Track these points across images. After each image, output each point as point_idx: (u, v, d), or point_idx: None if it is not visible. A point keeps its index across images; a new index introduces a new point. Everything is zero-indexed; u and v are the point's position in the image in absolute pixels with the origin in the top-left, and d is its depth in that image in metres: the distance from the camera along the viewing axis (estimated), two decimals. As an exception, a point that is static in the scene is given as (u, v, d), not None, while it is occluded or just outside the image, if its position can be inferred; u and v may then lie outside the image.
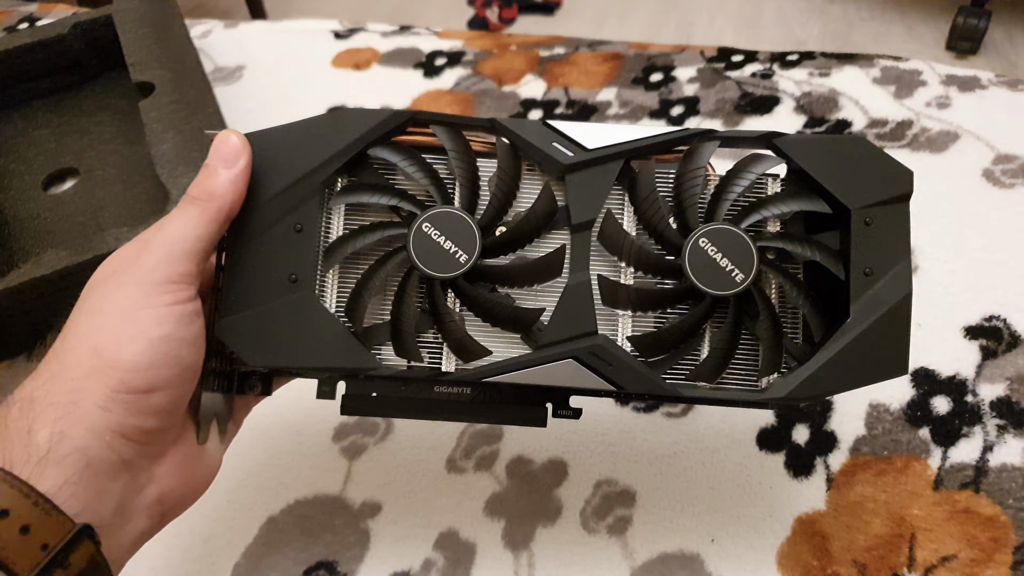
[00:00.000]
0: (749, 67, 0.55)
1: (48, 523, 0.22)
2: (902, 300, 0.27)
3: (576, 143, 0.28)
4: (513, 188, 0.28)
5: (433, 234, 0.27)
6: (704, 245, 0.27)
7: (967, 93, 0.50)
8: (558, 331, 0.27)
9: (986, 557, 0.32)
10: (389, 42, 0.64)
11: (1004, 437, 0.36)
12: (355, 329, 0.27)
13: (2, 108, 0.61)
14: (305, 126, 0.28)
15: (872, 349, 0.26)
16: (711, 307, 0.27)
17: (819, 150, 0.28)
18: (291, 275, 0.27)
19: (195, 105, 0.52)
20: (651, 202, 0.28)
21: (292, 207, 0.27)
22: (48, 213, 0.52)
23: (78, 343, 0.25)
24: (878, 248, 0.27)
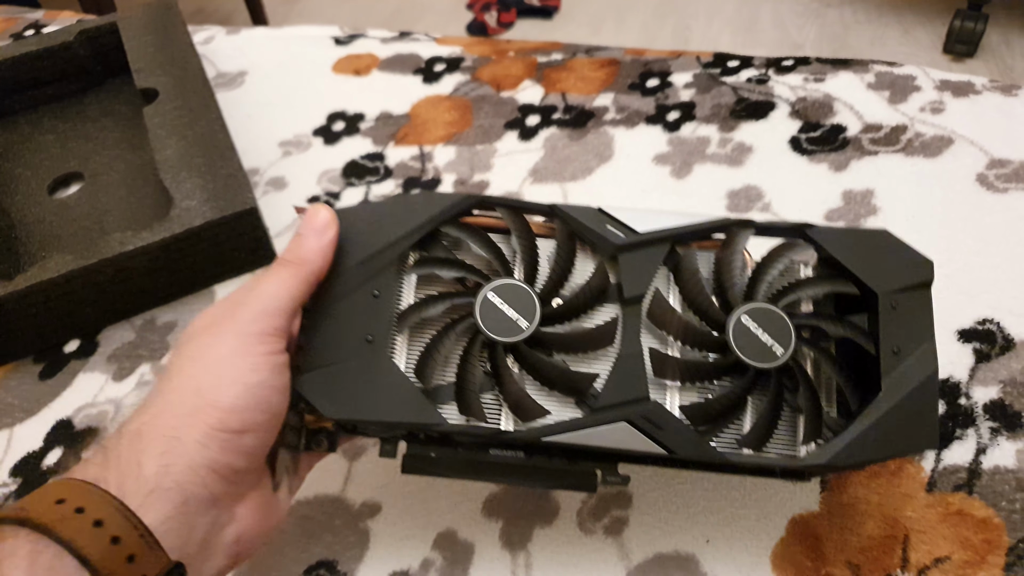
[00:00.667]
0: (745, 72, 0.56)
1: (150, 556, 0.23)
2: (929, 377, 0.29)
3: (627, 227, 0.31)
4: (569, 265, 0.31)
5: (497, 302, 0.29)
6: (746, 322, 0.29)
7: (961, 98, 0.51)
8: (612, 395, 0.29)
9: (979, 559, 0.33)
10: (389, 48, 0.64)
11: (997, 440, 0.36)
12: (424, 387, 0.30)
13: (8, 114, 0.61)
14: (385, 205, 0.31)
15: (904, 422, 0.28)
16: (754, 379, 0.29)
17: (847, 240, 0.30)
18: (367, 336, 0.30)
19: (197, 111, 0.53)
20: (695, 282, 0.30)
21: (371, 276, 0.30)
22: (53, 217, 0.53)
23: (182, 384, 0.27)
24: (904, 329, 0.29)
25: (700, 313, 0.30)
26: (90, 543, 0.22)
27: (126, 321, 0.48)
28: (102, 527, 0.23)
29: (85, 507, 0.23)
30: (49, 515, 0.23)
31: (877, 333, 0.29)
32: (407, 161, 0.55)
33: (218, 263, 0.48)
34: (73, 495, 0.23)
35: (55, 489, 0.24)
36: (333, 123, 0.58)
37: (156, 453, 0.25)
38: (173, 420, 0.26)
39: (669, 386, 0.30)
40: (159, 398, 0.27)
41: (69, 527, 0.23)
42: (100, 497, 0.24)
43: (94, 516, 0.23)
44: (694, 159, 0.51)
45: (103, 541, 0.23)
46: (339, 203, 0.53)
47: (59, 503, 0.23)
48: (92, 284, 0.45)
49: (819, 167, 0.49)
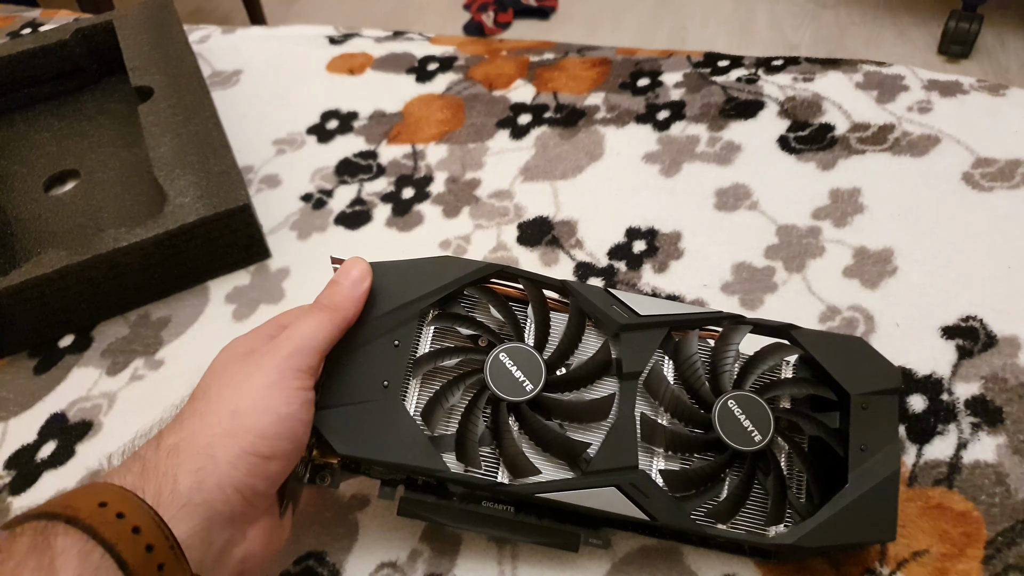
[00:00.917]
0: (735, 72, 0.57)
1: (177, 567, 0.25)
2: (891, 475, 0.31)
3: (631, 308, 0.34)
4: (577, 338, 0.34)
5: (507, 363, 0.32)
6: (732, 406, 0.32)
7: (949, 98, 0.51)
8: (604, 461, 0.31)
9: (958, 552, 0.33)
10: (382, 47, 0.65)
11: (978, 435, 0.36)
12: (428, 433, 0.32)
13: (5, 111, 0.62)
14: (417, 264, 0.34)
15: (865, 513, 0.31)
16: (731, 458, 0.32)
17: (826, 343, 0.34)
18: (384, 381, 0.32)
19: (192, 109, 0.53)
20: (689, 366, 0.33)
21: (394, 327, 0.33)
22: (49, 214, 0.54)
23: (219, 407, 0.29)
24: (872, 429, 0.32)
25: (692, 392, 0.33)
26: (128, 549, 0.24)
27: (120, 316, 0.48)
28: (139, 534, 0.24)
29: (125, 513, 0.24)
30: (94, 517, 0.24)
31: (847, 431, 0.32)
32: (400, 159, 0.55)
33: (212, 259, 0.48)
34: (114, 500, 0.25)
35: (97, 491, 0.25)
36: (327, 121, 0.59)
37: (191, 469, 0.27)
38: (209, 439, 0.28)
39: (655, 452, 0.33)
40: (196, 417, 0.29)
41: (111, 530, 0.24)
42: (138, 506, 0.25)
43: (133, 523, 0.24)
44: (683, 158, 0.51)
45: (139, 548, 0.24)
46: (332, 200, 0.53)
47: (102, 506, 0.24)
48: (86, 280, 0.45)
49: (807, 166, 0.49)
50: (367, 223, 0.51)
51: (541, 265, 0.47)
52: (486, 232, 0.50)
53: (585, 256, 0.47)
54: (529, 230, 0.49)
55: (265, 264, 0.50)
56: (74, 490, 0.26)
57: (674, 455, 0.33)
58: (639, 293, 0.44)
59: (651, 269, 0.46)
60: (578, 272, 0.46)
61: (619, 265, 0.46)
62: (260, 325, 0.33)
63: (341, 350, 0.32)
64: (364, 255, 0.49)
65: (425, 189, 0.53)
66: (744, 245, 0.46)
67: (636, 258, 0.46)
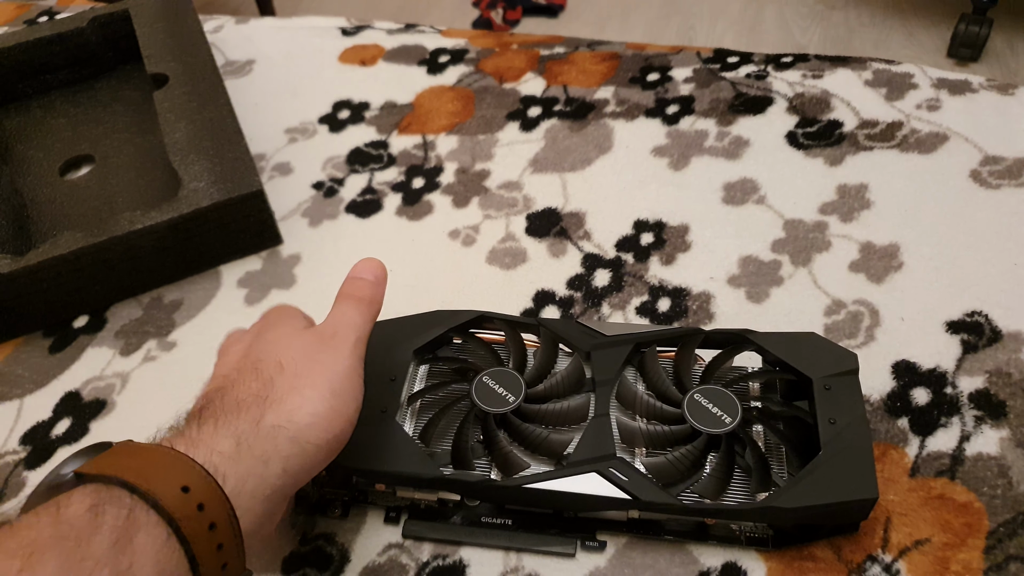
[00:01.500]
0: (744, 68, 0.57)
1: (237, 563, 0.24)
2: (863, 439, 0.33)
3: (599, 332, 0.38)
4: (552, 359, 0.38)
5: (491, 383, 0.36)
6: (699, 398, 0.35)
7: (957, 96, 0.52)
8: (583, 453, 0.34)
9: (959, 541, 0.34)
10: (394, 39, 0.65)
11: (981, 428, 0.37)
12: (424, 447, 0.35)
13: (21, 98, 0.63)
14: (408, 320, 0.39)
15: (843, 473, 0.32)
16: (708, 443, 0.34)
17: (782, 341, 0.36)
18: (382, 409, 0.35)
19: (207, 96, 0.54)
20: (655, 373, 0.37)
21: (390, 367, 0.37)
22: (64, 198, 0.54)
23: (318, 383, 0.30)
24: (838, 405, 0.34)
25: (660, 396, 0.36)
26: (202, 548, 0.23)
27: (134, 298, 0.49)
28: (214, 531, 0.23)
29: (205, 505, 0.23)
30: (177, 507, 0.23)
31: (814, 410, 0.34)
32: (410, 149, 0.56)
33: (224, 244, 0.49)
34: (197, 487, 0.24)
35: (181, 470, 0.24)
36: (338, 111, 0.59)
37: (285, 455, 0.27)
38: (310, 419, 0.28)
39: (635, 453, 0.35)
40: (295, 394, 0.29)
41: (190, 526, 0.23)
42: (217, 498, 0.24)
43: (210, 518, 0.23)
44: (692, 152, 0.52)
45: (212, 546, 0.23)
46: (343, 188, 0.54)
47: (184, 491, 0.23)
48: (101, 261, 0.46)
49: (814, 161, 0.50)
50: (377, 212, 0.52)
51: (549, 256, 0.48)
52: (495, 222, 0.50)
53: (593, 248, 0.48)
54: (537, 221, 0.49)
55: (277, 250, 0.50)
56: (154, 455, 0.24)
57: (654, 452, 0.35)
58: (643, 289, 0.45)
59: (658, 261, 0.46)
60: (586, 263, 0.47)
61: (626, 257, 0.47)
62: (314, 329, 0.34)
63: None
64: (374, 243, 0.50)
65: (435, 179, 0.53)
66: (751, 239, 0.46)
67: (643, 250, 0.47)
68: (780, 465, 0.35)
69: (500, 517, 0.36)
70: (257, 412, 0.28)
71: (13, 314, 0.46)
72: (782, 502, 0.32)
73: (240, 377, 0.30)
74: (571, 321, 0.39)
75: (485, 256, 0.48)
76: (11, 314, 0.46)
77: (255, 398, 0.29)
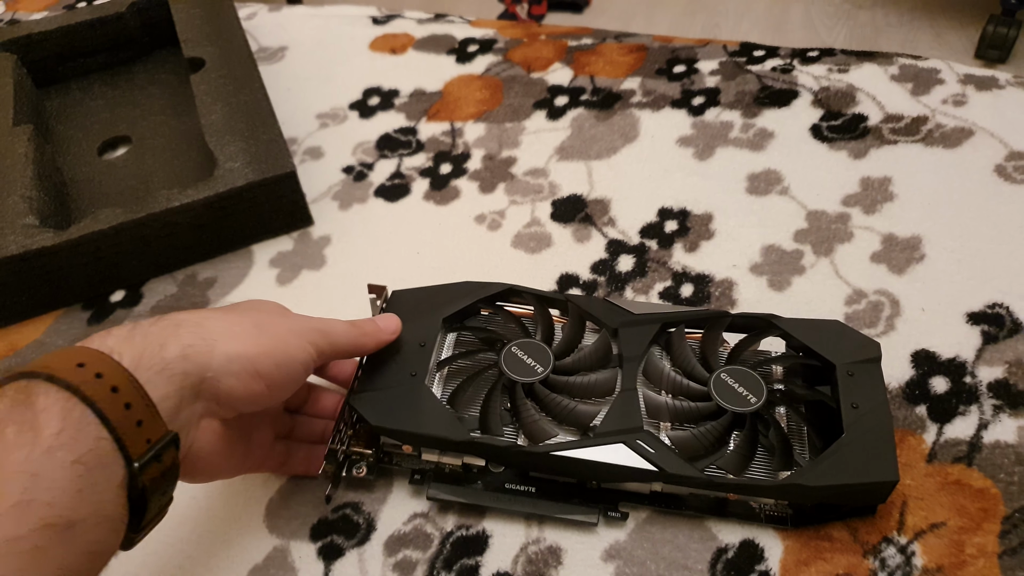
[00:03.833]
0: (770, 62, 0.57)
1: (154, 423, 0.26)
2: (885, 423, 0.33)
3: (626, 311, 0.38)
4: (580, 333, 0.39)
5: (519, 353, 0.37)
6: (725, 378, 0.35)
7: (984, 92, 0.52)
8: (611, 424, 0.35)
9: (975, 526, 0.34)
10: (424, 29, 0.66)
11: (999, 416, 0.37)
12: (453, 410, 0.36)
13: (61, 80, 0.64)
14: (438, 289, 0.40)
15: (865, 455, 0.33)
16: (732, 421, 0.35)
17: (807, 327, 0.37)
18: (412, 372, 0.37)
19: (241, 80, 0.55)
20: (682, 352, 0.37)
21: (421, 333, 0.38)
22: (102, 177, 0.56)
23: (245, 316, 0.32)
24: (860, 391, 0.34)
25: (687, 374, 0.37)
26: (109, 406, 0.25)
27: (169, 275, 0.50)
28: (117, 393, 0.25)
29: (103, 373, 0.25)
30: (74, 376, 0.25)
31: (837, 395, 0.34)
32: (438, 136, 0.57)
33: (257, 223, 0.50)
34: (92, 361, 0.26)
35: (75, 354, 0.26)
36: (369, 98, 0.61)
37: (184, 343, 0.28)
38: (222, 329, 0.30)
39: (661, 426, 0.36)
40: (218, 314, 0.31)
41: (91, 388, 0.25)
42: (115, 366, 0.26)
43: (111, 382, 0.25)
44: (716, 142, 0.52)
45: (119, 405, 0.25)
46: (372, 173, 0.55)
47: (80, 366, 0.25)
48: (139, 237, 0.48)
49: (838, 154, 0.50)
50: (405, 196, 0.53)
51: (574, 241, 0.49)
52: (520, 208, 0.51)
53: (617, 234, 0.48)
54: (563, 207, 0.50)
55: (308, 231, 0.52)
56: (52, 352, 0.26)
57: (680, 428, 0.35)
58: (667, 275, 0.46)
59: (682, 248, 0.47)
60: (610, 249, 0.48)
61: (650, 243, 0.47)
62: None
63: (375, 352, 0.37)
64: (402, 226, 0.51)
65: (462, 165, 0.54)
66: (774, 228, 0.47)
67: (667, 237, 0.48)
68: (802, 447, 0.35)
69: (524, 484, 0.36)
70: (170, 314, 0.30)
71: (54, 286, 0.48)
72: (805, 480, 0.32)
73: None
74: (599, 298, 0.40)
75: (510, 240, 0.49)
76: (52, 286, 0.48)
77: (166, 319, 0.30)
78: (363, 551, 0.36)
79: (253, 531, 0.37)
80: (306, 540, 0.37)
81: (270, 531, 0.37)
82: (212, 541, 0.37)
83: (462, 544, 0.36)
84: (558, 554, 0.35)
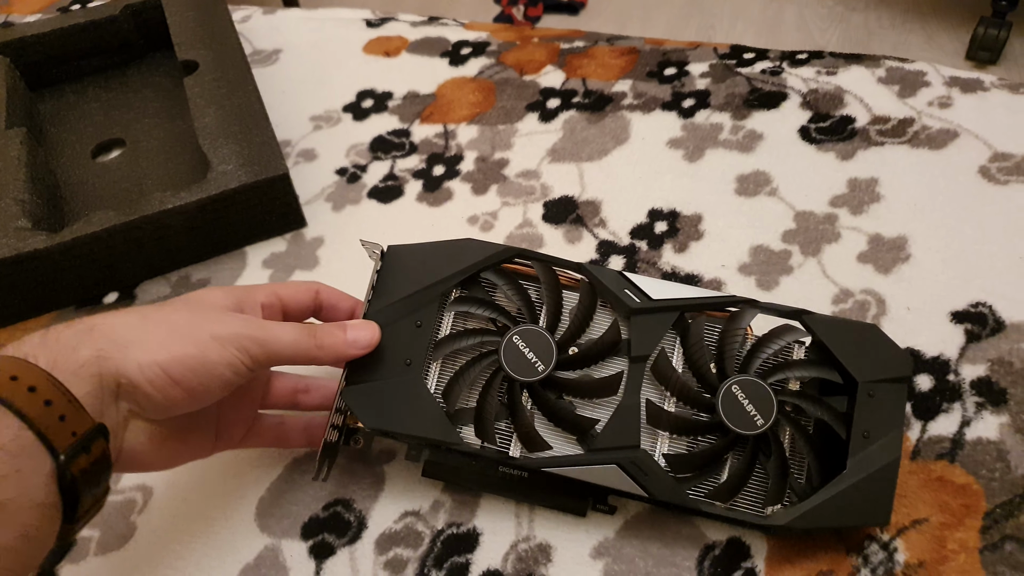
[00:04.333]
0: (759, 64, 0.58)
1: (78, 417, 0.27)
2: (891, 462, 0.32)
3: (643, 292, 0.35)
4: (588, 319, 0.36)
5: (520, 345, 0.34)
6: (735, 391, 0.33)
7: (969, 94, 0.52)
8: (608, 440, 0.33)
9: (956, 521, 0.35)
10: (418, 31, 0.67)
11: (982, 414, 0.38)
12: (448, 410, 0.34)
13: (55, 82, 0.65)
14: (437, 247, 0.36)
15: (860, 499, 0.32)
16: (734, 441, 0.33)
17: (839, 329, 0.34)
18: (406, 360, 0.34)
19: (235, 83, 0.56)
20: (697, 349, 0.35)
21: (416, 308, 0.35)
22: (96, 180, 0.56)
23: (163, 320, 0.31)
24: (876, 416, 0.33)
25: (698, 376, 0.35)
26: (26, 404, 0.26)
27: (162, 277, 0.51)
28: (36, 392, 0.26)
29: (18, 376, 0.26)
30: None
31: (852, 416, 0.33)
32: (431, 138, 0.57)
33: (251, 226, 0.51)
34: (7, 367, 0.27)
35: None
36: (362, 100, 0.61)
37: (96, 347, 0.28)
38: (135, 336, 0.29)
39: (661, 435, 0.34)
40: (135, 315, 0.31)
41: (6, 390, 0.26)
42: (30, 368, 0.27)
43: (28, 383, 0.26)
44: (706, 144, 0.53)
45: (37, 403, 0.26)
46: (365, 175, 0.55)
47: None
48: (132, 240, 0.48)
49: (826, 155, 0.51)
50: (399, 197, 0.53)
51: (565, 242, 0.49)
52: (513, 209, 0.51)
53: (608, 235, 0.49)
54: (554, 208, 0.51)
55: (301, 232, 0.52)
56: None
57: (679, 438, 0.35)
58: (656, 275, 0.46)
59: (671, 249, 0.47)
60: (600, 250, 0.48)
61: (640, 244, 0.48)
62: (257, 285, 0.35)
63: None
64: (395, 228, 0.52)
65: (455, 167, 0.55)
66: (763, 229, 0.47)
67: (657, 238, 0.48)
68: (801, 471, 0.34)
69: (517, 469, 0.36)
70: (84, 319, 0.30)
71: (47, 289, 0.48)
72: (794, 524, 0.32)
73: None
74: (616, 273, 0.36)
75: (503, 241, 0.49)
76: (45, 289, 0.48)
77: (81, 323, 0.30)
78: (354, 549, 0.37)
79: (244, 530, 0.38)
80: (297, 539, 0.37)
81: (261, 530, 0.38)
82: (203, 541, 0.38)
83: (453, 542, 0.37)
84: (548, 551, 0.36)
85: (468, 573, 0.36)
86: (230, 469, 0.40)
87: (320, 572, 0.36)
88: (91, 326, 0.29)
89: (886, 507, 0.32)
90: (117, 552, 0.38)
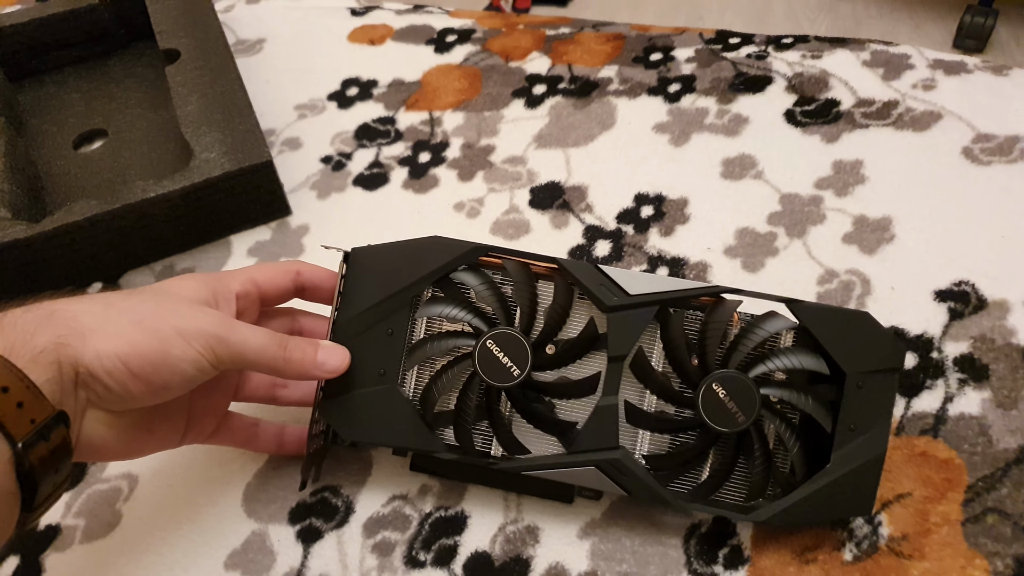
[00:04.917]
0: (745, 49, 0.58)
1: (36, 404, 0.26)
2: (876, 457, 0.32)
3: (620, 287, 0.33)
4: (564, 316, 0.34)
5: (495, 350, 0.33)
6: (716, 388, 0.32)
7: (952, 76, 0.53)
8: (586, 442, 0.33)
9: (939, 495, 0.35)
10: (403, 20, 0.67)
11: (964, 390, 0.38)
12: (426, 415, 0.34)
13: (36, 73, 0.64)
14: (404, 247, 0.34)
15: (843, 492, 0.32)
16: (715, 439, 0.33)
17: (829, 318, 0.33)
18: (381, 370, 0.34)
19: (218, 71, 0.55)
20: (677, 344, 0.33)
21: (386, 315, 0.34)
22: (78, 170, 0.56)
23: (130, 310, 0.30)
24: (864, 409, 0.32)
25: (678, 371, 0.34)
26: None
27: (146, 266, 0.50)
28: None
29: None
30: None
31: (837, 409, 0.32)
32: (417, 125, 0.57)
33: (235, 214, 0.51)
34: None
35: None
36: (347, 89, 0.61)
37: (54, 334, 0.27)
38: (97, 325, 0.28)
39: (641, 432, 0.34)
40: (100, 303, 0.29)
41: None
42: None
43: None
44: (692, 129, 0.53)
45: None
46: (351, 162, 0.55)
47: None
48: (115, 229, 0.48)
49: (811, 138, 0.51)
50: (384, 184, 0.53)
51: (552, 228, 0.49)
52: (499, 195, 0.51)
53: (594, 220, 0.49)
54: (541, 194, 0.51)
55: (286, 221, 0.52)
56: None
57: (658, 437, 0.34)
58: (642, 259, 0.46)
59: (657, 233, 0.47)
60: (587, 235, 0.48)
61: (627, 228, 0.48)
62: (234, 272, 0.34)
63: (339, 342, 0.34)
64: (381, 215, 0.51)
65: (441, 154, 0.55)
66: (748, 212, 0.48)
67: (643, 222, 0.48)
68: (785, 461, 0.34)
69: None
70: (44, 303, 0.29)
71: (29, 279, 0.48)
72: (773, 520, 0.32)
73: None
74: (590, 267, 0.34)
75: (489, 227, 0.49)
76: (27, 279, 0.48)
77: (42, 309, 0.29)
78: (342, 533, 0.37)
79: (231, 516, 0.38)
80: (284, 523, 0.37)
81: (248, 515, 0.38)
82: (190, 527, 0.37)
83: (441, 524, 0.37)
84: (535, 532, 0.36)
85: (456, 555, 0.36)
86: (216, 456, 0.40)
87: (308, 556, 0.36)
88: (51, 311, 0.28)
89: (869, 499, 0.32)
90: (103, 540, 0.37)
